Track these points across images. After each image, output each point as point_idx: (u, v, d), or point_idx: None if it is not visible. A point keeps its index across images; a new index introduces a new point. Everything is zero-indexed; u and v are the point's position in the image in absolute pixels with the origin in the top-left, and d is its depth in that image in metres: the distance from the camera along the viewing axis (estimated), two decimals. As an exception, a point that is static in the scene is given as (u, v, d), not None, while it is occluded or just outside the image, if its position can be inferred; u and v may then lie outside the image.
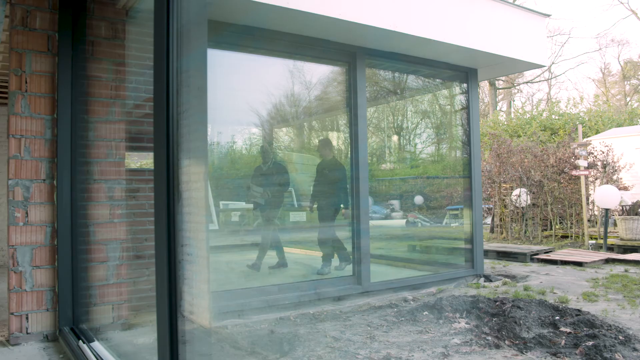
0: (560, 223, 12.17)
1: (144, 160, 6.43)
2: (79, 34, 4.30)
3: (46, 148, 4.16)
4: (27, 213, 4.07)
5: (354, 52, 6.10)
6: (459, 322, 4.71)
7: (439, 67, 7.06)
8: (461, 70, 7.25)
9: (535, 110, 24.20)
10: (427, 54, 6.54)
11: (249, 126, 7.62)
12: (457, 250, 7.82)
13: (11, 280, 4.01)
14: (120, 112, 4.47)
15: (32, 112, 4.12)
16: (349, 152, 6.28)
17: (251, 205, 6.84)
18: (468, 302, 5.21)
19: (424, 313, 5.02)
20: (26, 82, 4.12)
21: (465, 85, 7.42)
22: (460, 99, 7.76)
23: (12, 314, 4.00)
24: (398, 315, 5.05)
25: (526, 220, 11.95)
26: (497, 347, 3.99)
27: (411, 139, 10.39)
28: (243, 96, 6.70)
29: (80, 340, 3.66)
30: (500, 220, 12.54)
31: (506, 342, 4.08)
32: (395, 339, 4.30)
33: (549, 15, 7.33)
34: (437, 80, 7.98)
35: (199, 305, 2.48)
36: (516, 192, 11.85)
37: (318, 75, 7.10)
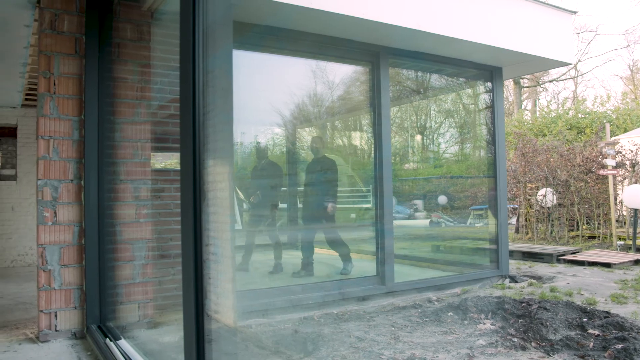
0: (587, 223, 11.96)
1: (168, 160, 6.50)
2: (105, 36, 4.36)
3: (74, 149, 4.23)
4: (55, 213, 4.14)
5: (377, 52, 6.08)
6: (484, 323, 4.66)
7: (463, 66, 6.99)
8: (486, 69, 7.18)
9: (561, 108, 23.81)
10: (452, 52, 6.49)
11: (272, 126, 7.65)
12: (482, 250, 7.74)
13: (40, 279, 4.08)
14: (146, 113, 4.53)
15: (60, 114, 4.19)
16: (372, 152, 6.26)
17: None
18: (493, 303, 5.15)
19: (449, 314, 4.98)
20: (54, 84, 4.19)
21: (489, 84, 7.34)
22: (484, 97, 7.68)
23: (41, 311, 4.07)
24: (422, 316, 5.01)
25: (552, 220, 11.77)
26: (523, 348, 3.94)
27: (434, 138, 10.32)
28: (266, 96, 6.73)
29: (107, 338, 3.71)
30: (526, 220, 12.38)
31: (532, 343, 4.02)
32: (420, 339, 4.27)
33: (575, 12, 7.21)
34: (461, 79, 7.91)
35: (223, 305, 2.49)
36: (542, 191, 11.68)
37: (341, 75, 7.10)
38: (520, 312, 4.80)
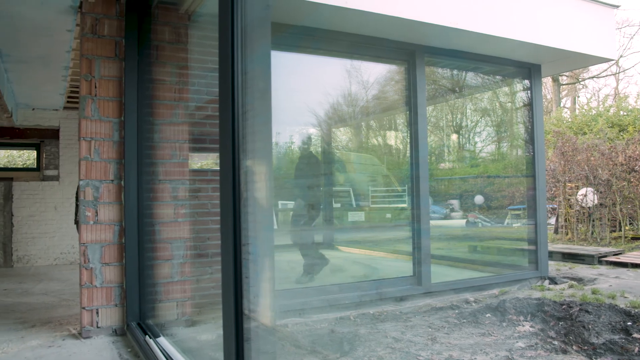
0: (630, 224, 11.61)
1: (204, 160, 6.57)
2: (143, 39, 4.44)
3: (114, 150, 4.32)
4: (96, 212, 4.24)
5: (413, 51, 6.03)
6: (523, 325, 4.58)
7: (500, 63, 6.88)
8: (524, 66, 7.04)
9: (601, 106, 23.18)
10: (489, 50, 6.39)
11: (307, 126, 7.66)
12: (520, 251, 7.60)
13: (82, 276, 4.19)
14: (184, 114, 4.59)
15: (101, 116, 4.29)
16: (408, 152, 6.21)
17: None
18: (532, 304, 5.05)
19: (487, 315, 4.91)
20: (95, 87, 4.29)
21: (527, 81, 7.20)
22: (522, 95, 7.54)
23: (83, 308, 4.17)
24: (460, 317, 4.95)
25: (593, 220, 11.47)
26: (564, 352, 3.85)
27: (470, 137, 10.19)
28: (301, 96, 6.74)
29: (147, 336, 3.77)
30: (565, 220, 12.10)
31: (574, 347, 3.93)
32: (457, 340, 4.22)
33: (617, 7, 7.00)
34: (498, 77, 7.79)
35: (261, 304, 2.50)
36: (582, 191, 11.40)
37: (375, 75, 7.07)
38: (560, 314, 4.70)
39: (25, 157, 13.02)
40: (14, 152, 13.00)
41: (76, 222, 6.37)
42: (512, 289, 6.43)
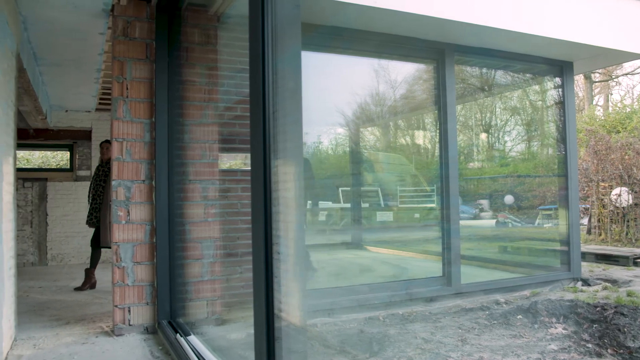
0: (666, 224, 11.32)
1: (232, 160, 6.62)
2: (173, 41, 4.49)
3: (145, 150, 4.38)
4: (128, 212, 4.31)
5: (442, 49, 5.98)
6: (556, 328, 4.49)
7: (531, 61, 6.77)
8: (556, 64, 6.91)
9: (636, 103, 22.63)
10: (520, 48, 6.28)
11: (335, 126, 7.66)
12: (552, 252, 7.47)
13: (115, 275, 4.25)
14: (213, 115, 4.63)
15: (133, 117, 4.36)
16: (437, 151, 6.16)
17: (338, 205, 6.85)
18: (565, 306, 4.96)
19: (518, 317, 4.83)
20: (127, 89, 4.36)
21: (558, 79, 7.07)
22: (553, 93, 7.41)
23: (116, 306, 4.24)
24: (490, 318, 4.89)
25: (627, 221, 11.20)
26: (599, 355, 3.77)
27: (500, 136, 10.06)
28: (329, 96, 6.74)
29: (178, 334, 3.82)
30: (599, 221, 11.84)
31: (609, 350, 3.84)
32: (488, 342, 4.16)
33: (653, 2, 6.82)
34: (528, 75, 7.67)
35: (290, 304, 2.51)
36: (616, 191, 11.14)
37: (404, 74, 7.03)
38: (594, 316, 4.60)
39: (59, 157, 13.29)
40: (48, 153, 13.28)
41: (87, 223, 6.42)
42: (543, 290, 6.32)
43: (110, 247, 6.29)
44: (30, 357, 3.63)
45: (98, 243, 6.41)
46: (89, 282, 6.38)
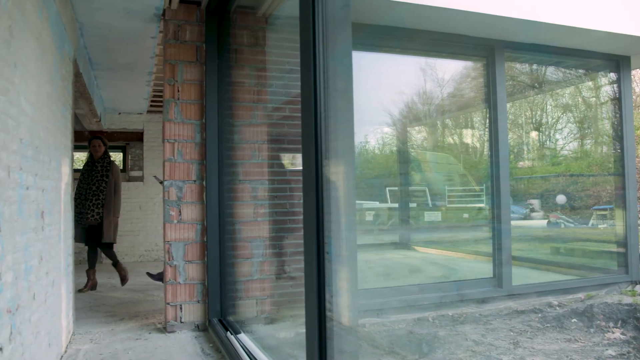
0: None
1: (282, 161, 6.65)
2: (223, 43, 4.56)
3: (196, 151, 4.46)
4: (180, 211, 4.40)
5: (491, 46, 5.86)
6: (613, 332, 4.34)
7: (585, 56, 6.55)
8: (611, 58, 6.66)
9: (697, 99, 21.61)
10: (573, 43, 6.10)
11: (381, 126, 7.62)
12: (608, 254, 7.21)
13: (167, 273, 4.35)
14: (262, 115, 4.68)
15: (184, 118, 4.45)
16: (486, 150, 6.04)
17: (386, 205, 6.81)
18: (623, 310, 4.78)
19: (572, 320, 4.69)
20: (178, 91, 4.45)
21: (614, 74, 6.82)
22: (608, 89, 7.16)
23: (168, 304, 4.34)
24: (543, 321, 4.76)
25: (689, 221, 10.72)
26: (662, 362, 3.61)
27: (551, 134, 9.79)
28: (376, 95, 6.72)
29: (228, 332, 3.87)
30: (657, 221, 11.38)
31: (672, 357, 3.68)
32: (541, 346, 4.05)
33: None
34: (581, 70, 7.43)
35: (340, 304, 2.51)
36: (676, 190, 10.68)
37: (451, 72, 6.93)
38: (656, 321, 4.41)
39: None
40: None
41: (89, 220, 6.13)
42: (599, 293, 6.11)
43: (114, 243, 6.40)
44: (87, 351, 3.76)
45: (95, 242, 6.28)
46: (90, 283, 6.36)
